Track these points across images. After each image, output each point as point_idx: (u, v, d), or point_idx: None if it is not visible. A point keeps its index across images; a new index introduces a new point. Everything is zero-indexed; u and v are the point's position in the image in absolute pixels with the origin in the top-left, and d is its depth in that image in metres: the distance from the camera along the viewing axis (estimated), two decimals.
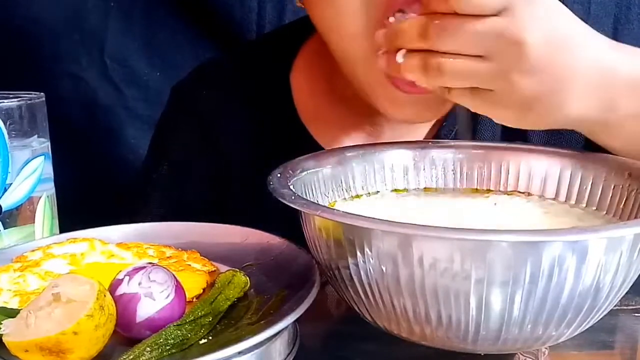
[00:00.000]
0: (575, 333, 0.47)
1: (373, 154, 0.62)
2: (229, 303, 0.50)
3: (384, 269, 0.44)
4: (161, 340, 0.44)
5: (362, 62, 0.63)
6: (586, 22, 0.52)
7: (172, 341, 0.44)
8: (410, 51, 0.53)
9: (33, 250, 0.58)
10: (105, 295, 0.44)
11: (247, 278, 0.52)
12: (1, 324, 0.44)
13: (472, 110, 0.55)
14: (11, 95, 0.62)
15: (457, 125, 0.73)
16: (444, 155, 0.62)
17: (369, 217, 0.44)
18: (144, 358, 0.43)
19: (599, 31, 0.53)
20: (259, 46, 0.87)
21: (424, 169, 0.62)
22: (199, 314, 0.47)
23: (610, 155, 0.58)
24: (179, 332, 0.45)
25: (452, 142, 0.65)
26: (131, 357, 0.43)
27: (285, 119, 0.78)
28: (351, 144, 0.67)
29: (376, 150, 0.63)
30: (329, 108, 0.78)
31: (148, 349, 0.44)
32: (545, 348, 0.49)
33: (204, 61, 0.88)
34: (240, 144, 0.79)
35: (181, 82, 0.85)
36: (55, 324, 0.42)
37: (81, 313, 0.42)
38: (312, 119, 0.77)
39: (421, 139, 0.77)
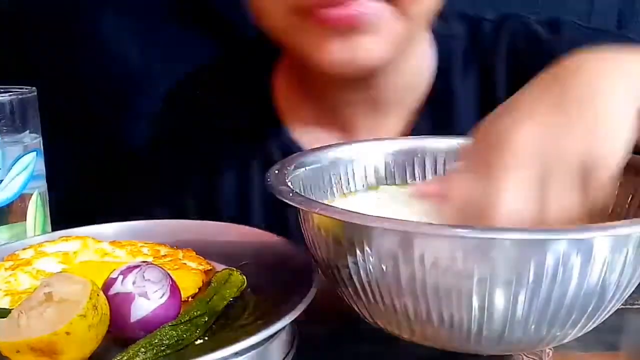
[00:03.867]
0: (580, 333, 0.46)
1: (372, 150, 0.62)
2: (225, 303, 0.49)
3: (384, 267, 0.43)
4: (156, 341, 0.44)
5: (290, 31, 0.68)
6: (590, 18, 0.51)
7: (167, 342, 0.44)
8: None
9: (24, 249, 0.57)
10: (98, 295, 0.44)
11: (244, 277, 0.52)
12: None
13: None
14: (2, 90, 0.62)
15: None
16: (445, 150, 0.61)
17: (369, 215, 0.43)
18: (138, 359, 0.43)
19: (603, 26, 0.52)
20: (250, 47, 0.89)
21: (423, 165, 0.62)
22: (195, 314, 0.47)
23: None
24: (174, 332, 0.45)
25: (445, 138, 0.64)
26: (125, 358, 0.42)
27: (265, 119, 0.81)
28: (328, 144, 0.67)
29: (375, 146, 0.62)
30: (304, 108, 0.81)
31: (142, 349, 0.43)
32: (550, 349, 0.49)
33: (201, 62, 0.91)
34: (228, 144, 0.82)
35: (176, 84, 0.89)
36: (48, 324, 0.42)
37: (74, 313, 0.42)
38: (290, 119, 0.81)
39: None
